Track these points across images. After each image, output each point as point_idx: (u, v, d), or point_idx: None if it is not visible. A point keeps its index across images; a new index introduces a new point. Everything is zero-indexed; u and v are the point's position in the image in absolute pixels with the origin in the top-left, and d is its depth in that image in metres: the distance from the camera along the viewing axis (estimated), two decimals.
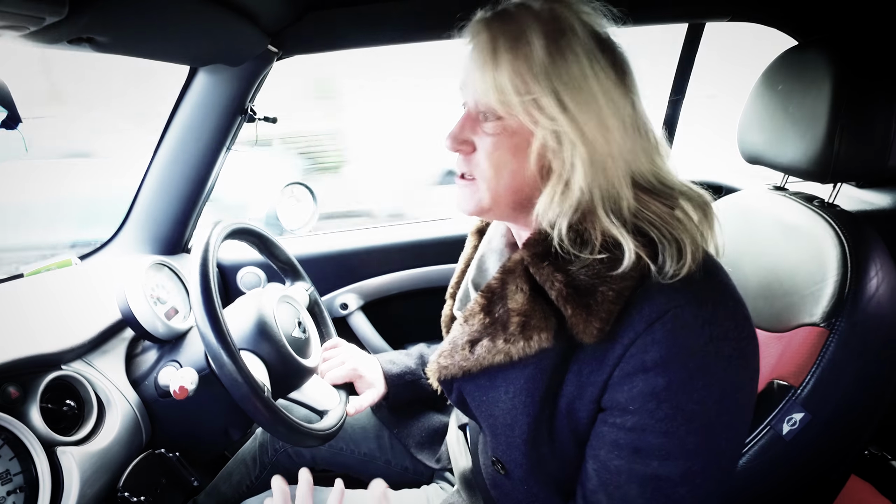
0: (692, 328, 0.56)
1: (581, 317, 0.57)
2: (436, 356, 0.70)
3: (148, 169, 1.24)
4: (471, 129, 0.64)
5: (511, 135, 0.61)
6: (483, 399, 0.68)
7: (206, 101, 1.16)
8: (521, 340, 0.60)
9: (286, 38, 1.13)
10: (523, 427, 0.64)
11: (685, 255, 0.57)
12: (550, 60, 0.57)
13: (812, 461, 0.78)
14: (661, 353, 0.55)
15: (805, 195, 0.91)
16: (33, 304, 0.99)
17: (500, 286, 0.64)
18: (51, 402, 0.81)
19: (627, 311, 0.57)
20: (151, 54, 0.91)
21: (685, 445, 0.56)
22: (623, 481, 0.59)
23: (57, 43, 0.68)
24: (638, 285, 0.57)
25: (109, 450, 0.83)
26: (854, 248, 0.76)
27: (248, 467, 1.11)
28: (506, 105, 0.59)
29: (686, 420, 0.56)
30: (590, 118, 0.57)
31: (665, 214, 0.59)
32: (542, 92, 0.57)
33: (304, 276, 1.13)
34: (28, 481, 0.74)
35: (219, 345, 0.76)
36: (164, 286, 1.05)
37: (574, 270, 0.59)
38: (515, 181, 0.63)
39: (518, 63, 0.57)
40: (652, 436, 0.57)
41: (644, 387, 0.56)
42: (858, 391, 0.75)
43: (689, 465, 0.56)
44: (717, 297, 0.59)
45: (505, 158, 0.62)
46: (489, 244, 0.80)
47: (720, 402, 0.57)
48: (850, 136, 0.78)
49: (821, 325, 0.74)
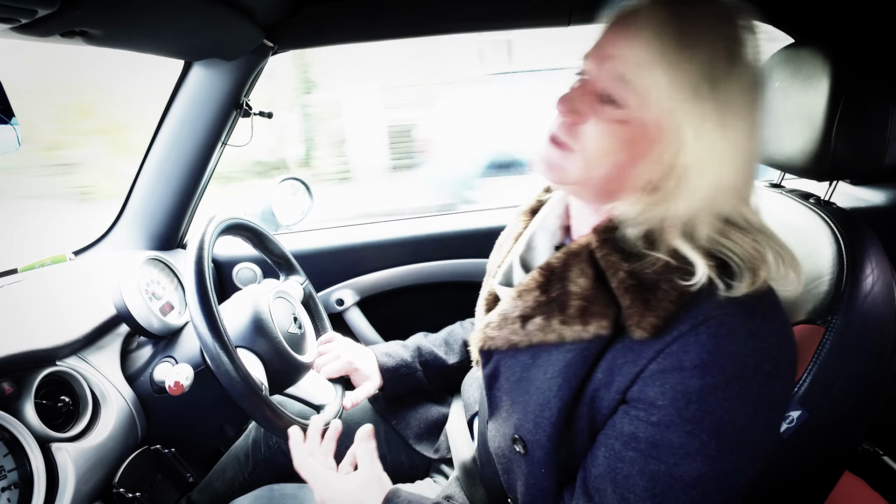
0: (737, 337, 0.55)
1: (637, 309, 0.57)
2: (482, 326, 0.70)
3: (143, 164, 1.23)
4: (589, 103, 0.60)
5: (634, 128, 0.57)
6: (523, 375, 0.68)
7: (200, 96, 1.15)
8: (577, 324, 0.60)
9: (282, 33, 1.12)
10: (554, 409, 0.63)
11: (758, 281, 0.56)
12: (727, 73, 0.54)
13: (808, 458, 0.78)
14: (701, 355, 0.55)
15: (801, 193, 0.92)
16: (27, 300, 0.99)
17: (561, 267, 0.64)
18: (45, 398, 0.81)
19: (681, 313, 0.56)
20: (145, 48, 0.90)
21: (706, 450, 0.56)
22: (633, 473, 0.58)
23: (49, 36, 0.67)
24: (700, 292, 0.56)
25: (105, 446, 0.83)
26: (850, 246, 0.76)
27: (242, 464, 1.11)
28: (666, 104, 0.55)
29: (713, 425, 0.55)
30: (739, 149, 0.56)
31: (747, 245, 0.58)
32: (712, 105, 0.54)
33: (299, 270, 1.13)
34: (23, 478, 0.73)
35: (214, 342, 0.75)
36: (159, 282, 1.04)
37: (641, 264, 0.59)
38: (615, 173, 0.60)
39: (703, 64, 0.54)
40: (674, 434, 0.56)
41: (677, 384, 0.56)
42: (854, 388, 0.75)
43: (704, 470, 0.56)
44: (768, 312, 0.58)
45: (617, 149, 0.58)
46: (542, 222, 0.78)
47: (751, 415, 0.56)
48: (846, 134, 0.78)
49: (817, 323, 0.74)
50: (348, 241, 1.47)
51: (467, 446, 0.94)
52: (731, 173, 0.57)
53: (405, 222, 1.54)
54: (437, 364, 1.07)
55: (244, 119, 1.24)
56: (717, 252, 0.58)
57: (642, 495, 0.58)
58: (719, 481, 0.57)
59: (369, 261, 1.47)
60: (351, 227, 1.55)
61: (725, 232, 0.59)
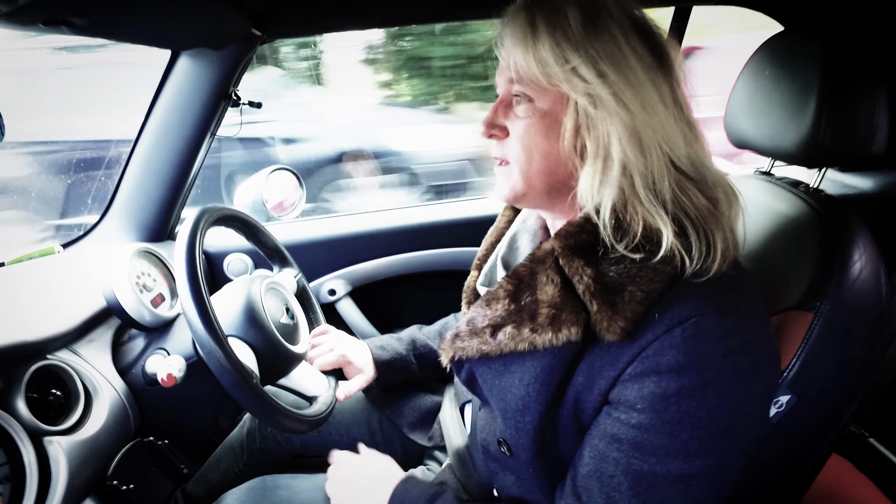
0: (712, 338, 0.56)
1: (606, 314, 0.57)
2: (451, 335, 0.70)
3: (131, 155, 1.22)
4: (503, 115, 0.66)
5: (542, 116, 0.62)
6: (496, 383, 0.68)
7: (188, 87, 1.14)
8: (549, 332, 0.60)
9: (269, 21, 1.11)
10: (535, 414, 0.64)
11: (714, 252, 0.57)
12: (586, 32, 0.58)
13: (796, 442, 0.79)
14: (677, 358, 0.55)
15: (791, 180, 0.92)
16: (16, 293, 0.97)
17: (528, 274, 0.64)
18: (37, 391, 0.80)
19: (651, 312, 0.57)
20: (131, 37, 0.89)
21: (687, 449, 0.56)
22: (618, 472, 0.59)
23: (32, 25, 0.66)
24: (667, 289, 0.57)
25: (97, 438, 0.83)
26: (838, 233, 0.77)
27: (237, 454, 1.12)
28: (547, 76, 0.60)
29: (692, 425, 0.56)
30: (627, 87, 0.58)
31: (702, 206, 0.59)
32: (580, 60, 0.58)
33: (292, 263, 1.12)
34: (15, 472, 0.73)
35: (206, 332, 0.75)
36: (149, 273, 1.04)
37: (605, 267, 0.59)
38: (548, 163, 0.63)
39: (556, 35, 0.59)
40: (655, 435, 0.57)
41: (655, 388, 0.56)
42: (842, 373, 0.76)
43: (687, 468, 0.57)
44: (743, 309, 0.59)
45: (536, 140, 0.63)
46: (524, 223, 0.79)
47: (731, 413, 0.57)
48: (835, 122, 0.78)
49: (805, 309, 0.75)
50: (340, 230, 1.47)
51: (460, 434, 0.94)
52: (654, 112, 0.59)
53: (397, 211, 1.54)
54: (431, 357, 1.07)
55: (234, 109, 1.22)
56: (678, 214, 0.59)
57: (627, 493, 0.59)
58: (703, 477, 0.58)
59: (361, 250, 1.47)
60: (342, 216, 1.54)
61: (682, 185, 0.60)
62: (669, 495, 0.58)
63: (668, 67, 0.61)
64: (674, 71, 0.62)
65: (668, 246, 0.57)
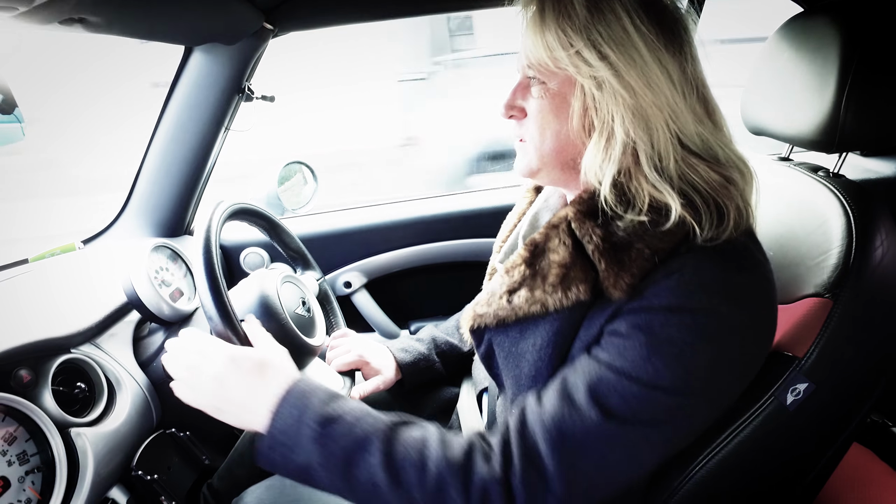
0: (709, 287, 0.57)
1: (612, 271, 0.59)
2: (472, 305, 0.73)
3: (147, 152, 1.23)
4: (521, 96, 0.69)
5: (553, 96, 0.65)
6: (512, 350, 0.70)
7: (202, 82, 1.15)
8: (559, 291, 0.62)
9: (281, 15, 1.11)
10: (546, 379, 0.65)
11: (727, 221, 0.59)
12: (590, 16, 0.60)
13: (815, 430, 0.78)
14: (669, 299, 0.57)
15: (810, 165, 0.90)
16: (40, 289, 1.00)
17: (543, 240, 0.66)
18: (62, 384, 0.82)
19: (658, 269, 0.59)
20: (145, 34, 0.90)
21: (657, 377, 0.57)
22: (578, 374, 0.60)
23: (48, 23, 0.67)
24: (675, 249, 0.59)
25: (121, 430, 0.85)
26: (859, 218, 0.75)
27: None
28: (554, 60, 0.62)
29: (671, 356, 0.57)
30: (631, 68, 0.59)
31: (712, 180, 0.61)
32: (583, 44, 0.60)
33: (315, 266, 1.12)
34: (45, 462, 0.75)
35: (225, 326, 0.76)
36: (167, 268, 1.05)
37: (614, 227, 0.61)
38: (559, 141, 0.66)
39: (562, 20, 0.61)
40: (630, 356, 0.58)
41: (641, 320, 0.58)
42: (862, 360, 0.75)
43: (651, 395, 0.57)
44: (746, 264, 0.60)
45: (548, 119, 0.66)
46: (545, 201, 0.82)
47: (713, 360, 0.58)
48: (857, 105, 0.77)
49: (825, 296, 0.74)
50: (355, 223, 1.48)
51: (477, 422, 0.95)
52: (660, 91, 0.60)
53: (412, 203, 1.54)
54: (453, 353, 1.08)
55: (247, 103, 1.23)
56: (685, 189, 0.60)
57: (583, 390, 0.59)
58: (667, 410, 0.58)
59: (376, 243, 1.47)
60: (357, 209, 1.55)
61: (689, 162, 0.61)
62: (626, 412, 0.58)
63: (678, 45, 0.62)
64: (685, 48, 0.62)
65: (677, 215, 0.58)
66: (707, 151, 0.62)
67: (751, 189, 0.63)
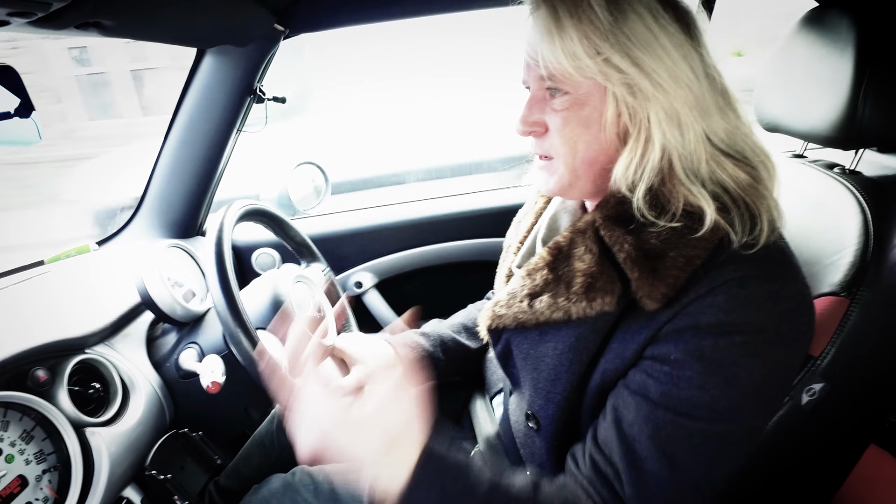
0: (756, 300, 0.55)
1: (647, 280, 0.57)
2: (491, 305, 0.71)
3: (160, 153, 1.24)
4: (539, 110, 0.64)
5: (581, 106, 0.61)
6: (531, 353, 0.69)
7: (214, 84, 1.15)
8: (583, 301, 0.61)
9: (293, 16, 1.11)
10: (565, 384, 0.64)
11: (760, 223, 0.57)
12: (614, 19, 0.57)
13: (831, 431, 0.77)
14: (718, 316, 0.55)
15: (825, 162, 0.89)
16: (55, 290, 1.01)
17: (567, 245, 0.65)
18: (77, 384, 0.83)
19: (693, 278, 0.57)
20: (159, 37, 0.91)
21: (716, 405, 0.56)
22: (639, 419, 0.58)
23: (64, 29, 0.67)
24: (710, 256, 0.57)
25: (135, 430, 0.85)
26: (876, 216, 0.74)
27: (267, 448, 1.13)
28: (579, 69, 0.58)
29: (725, 381, 0.55)
30: (661, 68, 0.57)
31: (741, 180, 0.59)
32: (612, 50, 0.57)
33: (320, 258, 1.13)
34: (61, 460, 0.76)
35: (238, 329, 0.77)
36: (180, 269, 1.06)
37: (646, 235, 0.59)
38: (591, 152, 0.62)
39: (584, 27, 0.57)
40: (684, 386, 0.56)
41: (691, 342, 0.56)
42: (879, 360, 0.74)
43: (711, 425, 0.56)
44: (788, 275, 0.58)
45: (578, 131, 0.62)
46: (563, 203, 0.79)
47: (765, 375, 0.56)
48: (875, 100, 0.75)
49: (842, 295, 0.73)
50: (365, 223, 1.48)
51: (490, 422, 0.95)
52: (690, 89, 0.58)
53: (422, 203, 1.54)
54: (459, 351, 1.07)
55: (258, 105, 1.24)
56: (716, 191, 0.59)
57: (647, 443, 0.57)
58: (725, 438, 0.57)
59: (387, 243, 1.47)
60: (368, 209, 1.55)
61: (719, 161, 0.59)
62: (689, 451, 0.57)
63: (696, 37, 0.60)
64: (701, 39, 0.61)
65: (711, 221, 0.56)
66: (733, 147, 0.60)
67: (774, 185, 0.61)
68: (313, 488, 0.91)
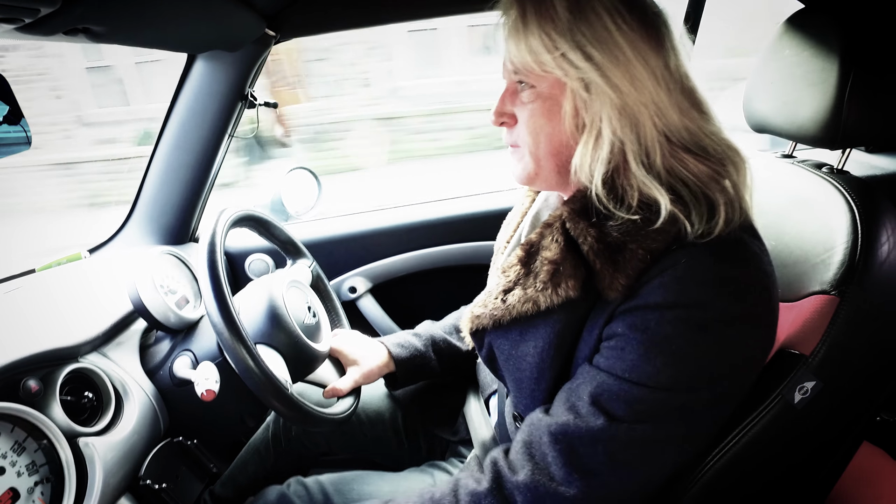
0: (701, 279, 0.57)
1: (608, 271, 0.60)
2: (470, 307, 0.73)
3: (151, 159, 1.24)
4: (511, 102, 0.69)
5: (544, 100, 0.65)
6: (512, 353, 0.70)
7: (205, 89, 1.15)
8: (549, 288, 0.63)
9: (283, 21, 1.11)
10: (549, 382, 0.66)
11: (717, 216, 0.58)
12: (572, 18, 0.60)
13: (824, 429, 0.78)
14: (664, 296, 0.57)
15: (814, 162, 0.90)
16: (47, 299, 1.00)
17: (538, 239, 0.67)
18: (70, 394, 0.82)
19: (651, 268, 0.59)
20: (148, 43, 0.90)
21: (659, 375, 0.57)
22: (584, 383, 0.61)
23: (53, 34, 0.67)
24: (668, 247, 0.59)
25: (129, 439, 0.85)
26: (864, 214, 0.75)
27: (262, 456, 1.13)
28: (539, 64, 0.62)
29: (670, 353, 0.57)
30: (616, 67, 0.60)
31: (701, 174, 0.61)
32: (568, 46, 0.60)
33: (306, 253, 1.13)
34: (54, 471, 0.75)
35: (232, 337, 0.76)
36: (173, 276, 1.05)
37: (608, 228, 0.61)
38: (553, 144, 0.66)
39: (545, 24, 0.61)
40: (630, 356, 0.58)
41: (638, 319, 0.58)
42: (870, 358, 0.74)
43: (655, 398, 0.58)
44: (740, 258, 0.60)
45: (540, 123, 0.66)
46: (546, 201, 0.82)
47: (714, 353, 0.58)
48: (859, 100, 0.77)
49: (831, 293, 0.74)
50: (358, 228, 1.48)
51: (486, 426, 0.95)
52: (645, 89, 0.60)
53: (415, 207, 1.54)
54: (450, 351, 1.07)
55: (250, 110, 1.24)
56: (674, 184, 0.61)
57: (585, 399, 0.60)
58: (669, 414, 0.58)
59: (380, 247, 1.47)
60: (361, 214, 1.55)
61: (678, 157, 0.62)
62: (631, 417, 0.58)
63: (659, 40, 0.62)
64: (667, 42, 0.62)
65: (667, 213, 0.58)
66: (696, 144, 0.62)
67: (744, 179, 0.63)
68: (308, 499, 0.91)
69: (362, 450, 1.13)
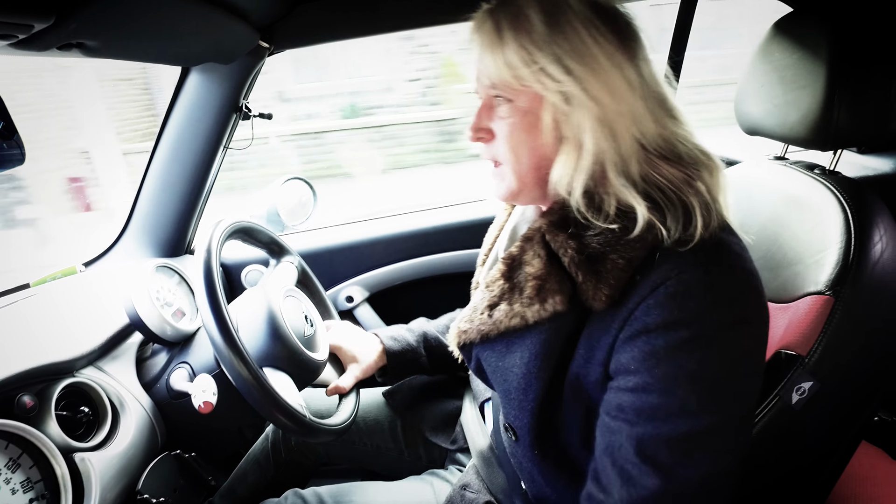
0: (694, 292, 0.57)
1: (591, 283, 0.60)
2: (456, 322, 0.73)
3: (146, 172, 1.24)
4: (487, 118, 0.68)
5: (523, 114, 0.64)
6: (499, 365, 0.70)
7: (200, 101, 1.15)
8: (536, 303, 0.63)
9: (277, 33, 1.12)
10: (537, 392, 0.65)
11: (694, 219, 0.58)
12: (549, 31, 0.60)
13: (822, 429, 0.78)
14: (663, 315, 0.57)
15: (806, 164, 0.91)
16: (42, 313, 1.00)
17: (519, 253, 0.67)
18: (66, 409, 0.82)
19: (636, 278, 0.59)
20: (142, 57, 0.91)
21: (686, 406, 0.57)
22: (623, 441, 0.59)
23: (47, 50, 0.67)
24: (649, 255, 0.59)
25: (126, 453, 0.84)
26: (857, 215, 0.76)
27: (262, 468, 1.12)
28: (517, 78, 0.62)
29: (686, 379, 0.56)
30: (594, 79, 0.60)
31: (675, 178, 0.61)
32: (546, 60, 0.60)
33: (289, 250, 1.13)
34: (50, 488, 0.75)
35: (230, 352, 0.76)
36: (169, 289, 1.05)
37: (588, 239, 0.61)
38: (534, 158, 0.65)
39: (521, 38, 0.60)
40: (653, 395, 0.57)
41: (645, 347, 0.57)
42: (866, 357, 0.75)
43: (690, 426, 0.57)
44: (725, 262, 0.60)
45: (521, 138, 0.65)
46: (522, 214, 0.82)
47: (724, 365, 0.57)
48: (848, 101, 0.77)
49: (826, 293, 0.74)
50: (354, 237, 1.48)
51: (482, 434, 0.94)
52: (622, 98, 0.60)
53: (410, 216, 1.54)
54: (441, 350, 1.07)
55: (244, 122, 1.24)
56: (649, 190, 0.61)
57: (634, 460, 0.58)
58: (709, 434, 0.58)
59: (377, 256, 1.47)
60: (356, 223, 1.55)
61: (652, 163, 0.62)
62: (680, 456, 0.58)
63: (634, 50, 0.63)
64: (639, 51, 0.63)
65: (644, 220, 0.58)
66: (670, 150, 0.63)
67: (717, 182, 0.63)
68: None
69: (362, 459, 1.12)
